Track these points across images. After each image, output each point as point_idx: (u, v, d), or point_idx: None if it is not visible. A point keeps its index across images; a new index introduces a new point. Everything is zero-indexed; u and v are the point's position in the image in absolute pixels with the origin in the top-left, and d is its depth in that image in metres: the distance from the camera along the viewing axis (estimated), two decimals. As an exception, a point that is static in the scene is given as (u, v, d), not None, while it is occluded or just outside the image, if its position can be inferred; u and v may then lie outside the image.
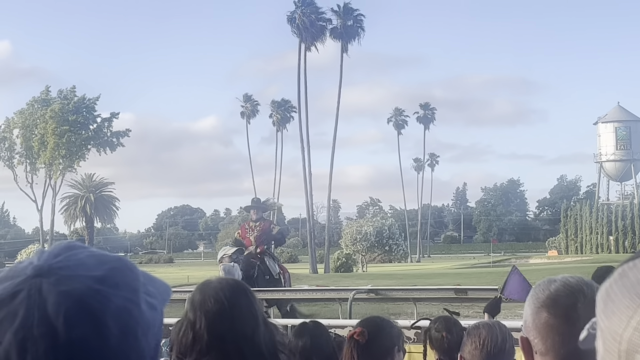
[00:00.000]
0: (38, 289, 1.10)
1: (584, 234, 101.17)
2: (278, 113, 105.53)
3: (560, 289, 2.34)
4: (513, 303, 16.94)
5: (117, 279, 1.14)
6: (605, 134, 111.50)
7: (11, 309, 1.09)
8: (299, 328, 5.08)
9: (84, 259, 1.16)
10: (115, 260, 1.18)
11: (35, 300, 1.09)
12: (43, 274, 1.11)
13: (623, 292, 1.01)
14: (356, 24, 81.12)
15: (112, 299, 1.11)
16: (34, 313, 1.08)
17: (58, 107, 76.01)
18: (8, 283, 1.12)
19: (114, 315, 1.10)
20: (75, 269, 1.13)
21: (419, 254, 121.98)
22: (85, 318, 1.08)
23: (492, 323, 4.09)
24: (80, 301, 1.09)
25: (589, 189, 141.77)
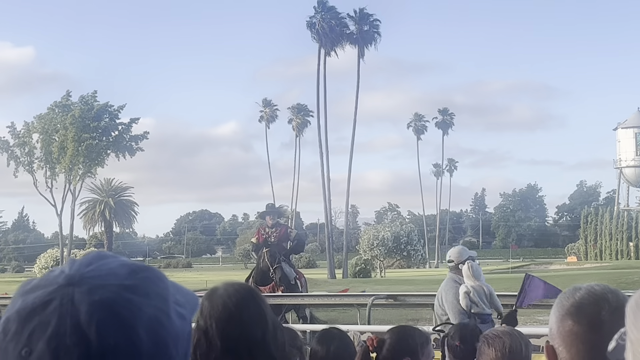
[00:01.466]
0: (70, 298, 1.11)
1: (604, 240, 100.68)
2: (298, 118, 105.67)
3: (585, 296, 2.32)
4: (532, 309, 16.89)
5: (148, 289, 1.15)
6: (625, 140, 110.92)
7: (43, 317, 1.09)
8: (322, 334, 5.04)
9: (115, 268, 1.16)
10: (146, 270, 1.19)
11: (67, 309, 1.10)
12: (75, 283, 1.12)
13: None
14: (372, 29, 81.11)
15: (144, 308, 1.12)
16: (67, 322, 1.09)
17: (78, 112, 76.26)
18: (40, 292, 1.13)
19: (145, 324, 1.11)
20: (106, 278, 1.13)
21: (437, 259, 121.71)
22: (117, 327, 1.09)
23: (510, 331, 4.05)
24: (112, 310, 1.10)
25: (608, 194, 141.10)
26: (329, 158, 79.38)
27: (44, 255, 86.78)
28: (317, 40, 79.51)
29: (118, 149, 78.82)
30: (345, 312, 22.20)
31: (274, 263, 19.18)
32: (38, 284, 1.15)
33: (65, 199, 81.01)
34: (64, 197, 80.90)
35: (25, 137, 78.72)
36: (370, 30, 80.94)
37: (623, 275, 43.28)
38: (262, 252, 19.38)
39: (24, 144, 78.77)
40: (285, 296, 18.48)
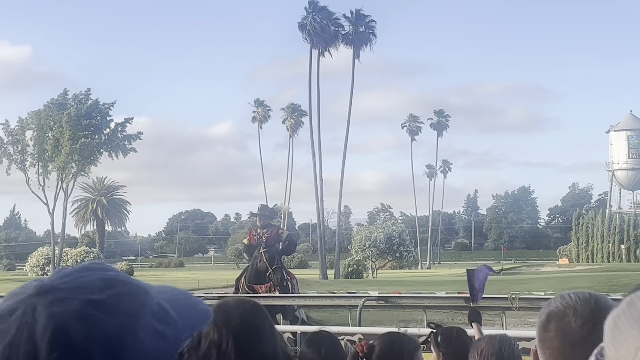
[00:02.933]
0: (33, 309, 1.10)
1: (596, 242, 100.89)
2: (291, 118, 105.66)
3: (557, 304, 2.39)
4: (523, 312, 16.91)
5: (115, 305, 1.11)
6: (617, 143, 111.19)
7: (5, 326, 1.09)
8: (312, 337, 5.04)
9: (92, 281, 1.14)
10: (122, 285, 1.15)
11: (27, 320, 1.09)
12: (42, 293, 1.11)
13: (631, 322, 1.00)
14: (368, 30, 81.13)
15: (102, 325, 1.09)
16: (24, 332, 1.08)
17: (73, 111, 76.18)
18: (14, 299, 1.13)
19: (100, 342, 1.08)
20: (74, 291, 1.11)
21: (430, 260, 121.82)
22: (66, 342, 1.07)
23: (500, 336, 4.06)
24: (64, 325, 1.07)
25: (600, 197, 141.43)
26: (321, 158, 79.46)
27: (35, 254, 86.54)
28: (308, 41, 79.55)
29: (111, 148, 78.75)
30: (337, 313, 22.21)
31: (273, 264, 19.19)
32: (14, 291, 1.15)
33: (57, 197, 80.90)
34: (56, 195, 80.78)
35: (19, 135, 78.56)
36: (365, 31, 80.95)
37: (614, 277, 43.38)
38: (259, 252, 19.36)
39: (17, 142, 78.61)
40: (276, 297, 18.47)
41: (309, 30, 78.66)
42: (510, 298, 14.57)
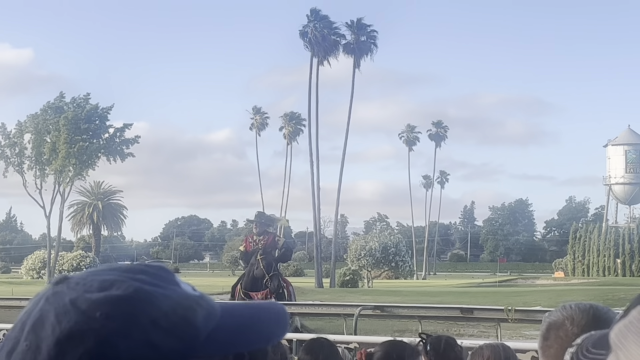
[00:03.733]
0: (41, 297, 1.15)
1: (591, 256, 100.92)
2: (289, 126, 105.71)
3: (557, 315, 2.45)
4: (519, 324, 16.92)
5: (103, 307, 1.11)
6: (615, 157, 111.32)
7: (30, 306, 1.15)
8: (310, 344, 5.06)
9: (99, 281, 1.15)
10: (126, 289, 1.14)
11: (33, 307, 1.14)
12: (55, 283, 1.16)
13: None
14: (369, 39, 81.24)
15: (77, 325, 1.10)
16: (24, 318, 1.14)
17: (71, 115, 76.13)
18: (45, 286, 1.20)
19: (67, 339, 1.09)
20: (76, 287, 1.14)
21: (425, 271, 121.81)
22: (38, 333, 1.10)
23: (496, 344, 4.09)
24: (45, 316, 1.11)
25: (597, 211, 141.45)
26: (319, 167, 79.46)
27: (31, 257, 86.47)
28: (309, 49, 79.62)
29: (109, 152, 78.68)
30: (332, 322, 22.20)
31: (270, 271, 19.21)
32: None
33: (54, 200, 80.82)
34: (53, 199, 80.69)
35: (17, 138, 78.53)
36: (367, 40, 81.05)
37: (610, 291, 43.37)
38: (256, 260, 19.37)
39: (14, 144, 78.56)
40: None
41: (310, 38, 78.76)
42: (506, 310, 14.60)
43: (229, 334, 1.17)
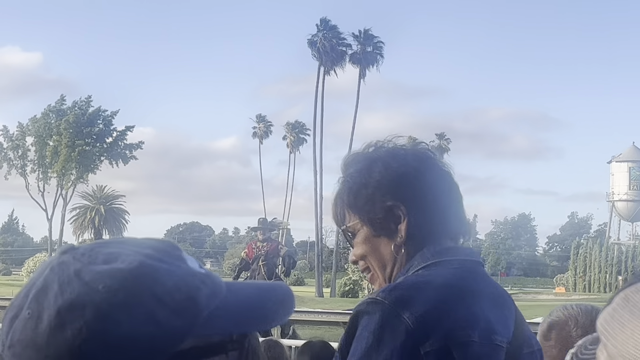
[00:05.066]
0: (47, 266, 1.14)
1: (593, 272, 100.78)
2: (292, 135, 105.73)
3: (560, 315, 2.48)
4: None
5: (106, 279, 1.10)
6: (618, 174, 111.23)
7: (35, 275, 1.15)
8: (303, 346, 5.02)
9: (105, 253, 1.14)
10: (131, 262, 1.13)
11: (39, 276, 1.14)
12: (62, 253, 1.15)
13: (634, 315, 1.01)
14: (375, 50, 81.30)
15: (79, 296, 1.09)
16: (29, 286, 1.14)
17: (72, 118, 76.20)
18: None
19: (68, 310, 1.08)
20: (82, 258, 1.13)
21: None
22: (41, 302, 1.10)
23: None
24: (48, 286, 1.11)
25: (600, 227, 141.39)
26: (322, 176, 79.47)
27: (32, 259, 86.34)
28: (317, 58, 79.71)
29: (112, 156, 78.76)
30: (331, 331, 22.13)
31: (271, 277, 19.19)
32: None
33: (56, 203, 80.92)
34: (55, 202, 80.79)
35: (19, 140, 78.61)
36: (373, 51, 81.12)
37: (611, 308, 43.28)
38: (258, 265, 19.36)
39: (17, 147, 78.64)
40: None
41: (319, 47, 78.85)
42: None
43: (232, 314, 1.16)
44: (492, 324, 2.09)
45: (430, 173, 2.36)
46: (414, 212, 2.25)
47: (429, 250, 2.24)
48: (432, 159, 2.44)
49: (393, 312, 2.00)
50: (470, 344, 2.01)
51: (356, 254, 2.36)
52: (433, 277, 2.16)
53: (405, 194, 2.27)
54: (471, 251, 2.39)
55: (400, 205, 2.26)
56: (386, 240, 2.27)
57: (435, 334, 1.98)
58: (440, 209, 2.30)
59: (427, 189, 2.31)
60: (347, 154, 2.57)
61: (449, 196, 2.37)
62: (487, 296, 2.18)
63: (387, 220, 2.27)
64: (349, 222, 2.37)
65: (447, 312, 2.04)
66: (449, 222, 2.34)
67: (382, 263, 2.29)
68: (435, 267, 2.20)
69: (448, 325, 2.02)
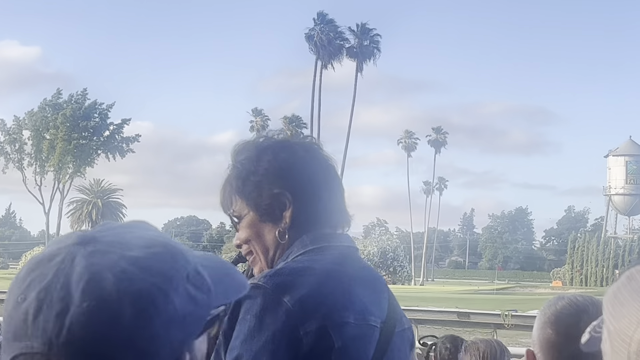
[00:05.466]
0: (73, 257, 1.12)
1: (590, 266, 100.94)
2: (289, 129, 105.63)
3: (566, 306, 2.39)
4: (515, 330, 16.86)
5: (152, 264, 1.13)
6: (615, 167, 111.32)
7: (44, 270, 1.12)
8: None
9: (132, 239, 1.16)
10: (162, 246, 1.17)
11: (65, 267, 1.11)
12: (82, 243, 1.14)
13: (632, 295, 1.02)
14: (372, 44, 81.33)
15: (136, 281, 1.11)
16: (60, 278, 1.10)
17: (69, 112, 76.13)
18: (54, 247, 1.16)
19: (132, 297, 1.10)
20: (114, 245, 1.14)
21: (423, 277, 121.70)
22: (99, 293, 1.09)
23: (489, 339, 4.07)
24: (100, 276, 1.10)
25: (596, 221, 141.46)
26: (319, 170, 79.40)
27: (29, 253, 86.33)
28: (314, 52, 79.70)
29: (108, 149, 78.71)
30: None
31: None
32: (59, 238, 1.18)
33: (53, 197, 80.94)
34: (53, 196, 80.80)
35: (16, 134, 78.55)
36: (370, 45, 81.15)
37: (607, 302, 43.33)
38: None
39: (14, 141, 78.59)
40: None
41: (316, 41, 78.85)
42: (503, 315, 14.57)
43: (222, 285, 1.21)
44: (366, 305, 2.24)
45: (316, 165, 2.45)
46: (298, 200, 2.37)
47: (308, 237, 2.35)
48: (318, 152, 2.51)
49: (274, 296, 2.12)
50: (346, 324, 2.14)
51: (241, 237, 2.49)
52: (311, 263, 2.26)
53: (291, 183, 2.38)
54: (347, 237, 2.47)
55: (286, 193, 2.37)
56: (271, 226, 2.38)
57: (313, 316, 2.11)
58: (324, 199, 2.40)
59: (312, 179, 2.42)
60: (238, 142, 2.71)
61: (332, 188, 2.46)
62: (362, 280, 2.31)
63: (273, 207, 2.38)
64: (236, 206, 2.51)
65: (325, 295, 2.17)
66: (331, 212, 2.44)
67: (265, 248, 2.42)
68: (314, 253, 2.31)
69: (326, 307, 2.14)
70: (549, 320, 2.37)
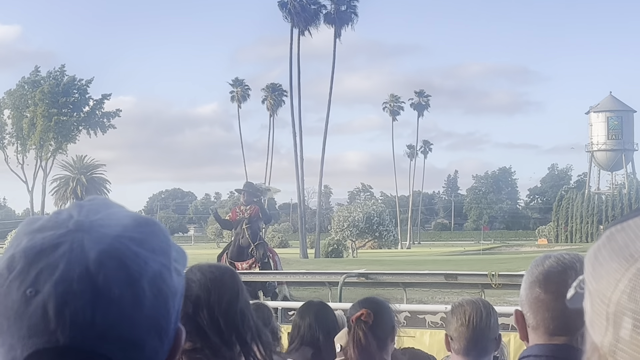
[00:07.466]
0: (80, 244, 1.11)
1: (575, 222, 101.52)
2: (271, 98, 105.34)
3: (554, 265, 2.39)
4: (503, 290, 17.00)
5: (153, 243, 1.16)
6: (596, 124, 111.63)
7: (52, 260, 1.09)
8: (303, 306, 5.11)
9: (122, 218, 1.17)
10: (152, 224, 1.20)
11: (77, 255, 1.10)
12: (85, 229, 1.13)
13: (611, 255, 1.02)
14: (349, 9, 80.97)
15: (149, 262, 1.13)
16: (75, 267, 1.09)
17: (47, 88, 75.67)
18: (49, 233, 1.13)
19: (149, 278, 1.12)
20: (115, 229, 1.14)
21: (409, 240, 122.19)
22: (124, 278, 1.10)
23: (475, 299, 4.08)
24: (121, 261, 1.10)
25: (579, 178, 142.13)
26: (302, 138, 79.47)
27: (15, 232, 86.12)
28: (289, 20, 79.32)
29: (89, 125, 78.37)
30: (317, 291, 22.26)
31: (255, 240, 19.20)
32: (45, 225, 1.15)
33: (36, 175, 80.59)
34: (35, 174, 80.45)
35: (-4, 114, 78.16)
36: (347, 10, 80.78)
37: (592, 257, 43.64)
38: (241, 229, 19.35)
39: (-6, 120, 78.20)
40: (258, 273, 18.51)
41: (290, 9, 78.45)
42: (490, 275, 14.66)
43: (181, 253, 1.27)
44: None
45: None
46: None
47: None
48: None
49: None
50: None
51: None
52: None
53: None
54: None
55: None
56: None
57: None
58: None
59: None
60: None
61: None
62: None
63: None
64: None
65: None
66: None
67: None
68: None
69: None
70: (537, 279, 2.37)
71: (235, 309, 2.85)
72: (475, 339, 3.77)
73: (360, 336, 4.00)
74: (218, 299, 2.83)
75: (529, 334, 2.42)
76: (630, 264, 0.98)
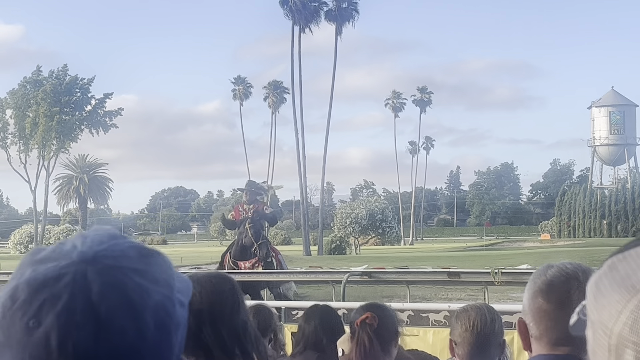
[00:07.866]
0: (83, 275, 1.11)
1: (577, 217, 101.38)
2: (273, 95, 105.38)
3: (556, 275, 2.39)
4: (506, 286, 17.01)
5: (157, 274, 1.16)
6: (599, 118, 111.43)
7: (55, 291, 1.10)
8: (309, 310, 5.13)
9: (126, 250, 1.17)
10: (155, 255, 1.20)
11: (80, 286, 1.10)
12: (88, 261, 1.13)
13: (613, 285, 1.00)
14: (351, 6, 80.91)
15: (152, 295, 1.13)
16: (78, 299, 1.09)
17: (50, 87, 75.70)
18: (52, 264, 1.13)
19: (152, 310, 1.12)
20: (119, 260, 1.14)
21: (412, 237, 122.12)
22: (126, 310, 1.10)
23: (480, 305, 4.09)
24: (123, 293, 1.11)
25: (582, 173, 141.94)
26: (304, 135, 79.47)
27: (18, 231, 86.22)
28: (290, 17, 79.32)
29: (92, 124, 78.44)
30: (320, 289, 22.29)
31: (258, 239, 19.20)
32: (49, 256, 1.15)
33: (39, 174, 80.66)
34: (38, 173, 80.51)
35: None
36: (348, 7, 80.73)
37: (596, 253, 43.65)
38: (244, 228, 19.35)
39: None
40: (261, 273, 18.52)
41: (290, 6, 78.44)
42: (493, 272, 14.67)
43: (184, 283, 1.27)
44: None
45: None
46: None
47: None
48: None
49: None
50: None
51: None
52: None
53: None
54: None
55: None
56: None
57: None
58: None
59: None
60: None
61: None
62: None
63: None
64: None
65: None
66: None
67: None
68: None
69: None
70: (540, 289, 2.37)
71: (237, 321, 2.87)
72: (480, 344, 3.78)
73: (365, 340, 4.01)
74: (220, 313, 2.85)
75: (532, 344, 2.41)
76: (632, 295, 0.96)
